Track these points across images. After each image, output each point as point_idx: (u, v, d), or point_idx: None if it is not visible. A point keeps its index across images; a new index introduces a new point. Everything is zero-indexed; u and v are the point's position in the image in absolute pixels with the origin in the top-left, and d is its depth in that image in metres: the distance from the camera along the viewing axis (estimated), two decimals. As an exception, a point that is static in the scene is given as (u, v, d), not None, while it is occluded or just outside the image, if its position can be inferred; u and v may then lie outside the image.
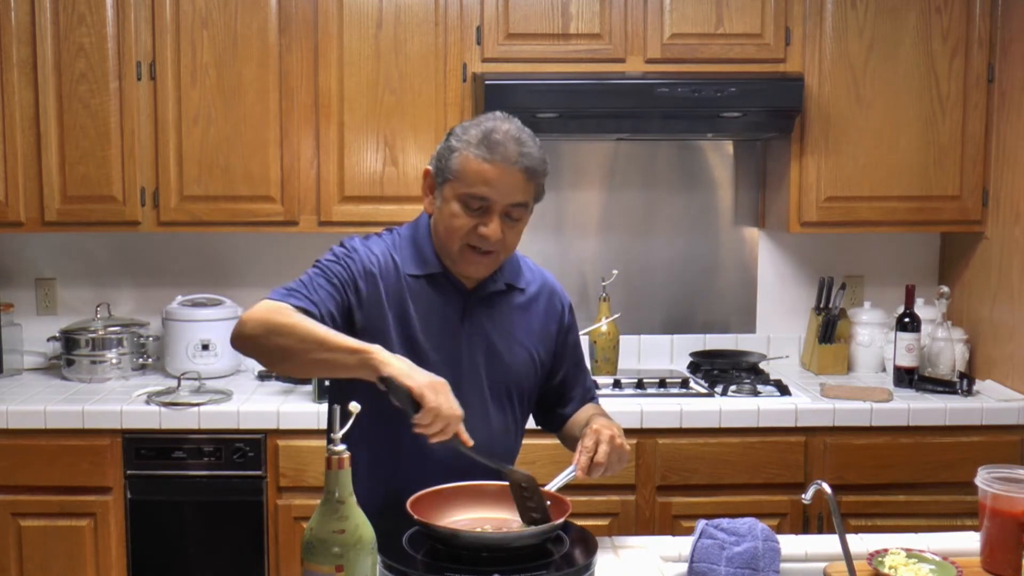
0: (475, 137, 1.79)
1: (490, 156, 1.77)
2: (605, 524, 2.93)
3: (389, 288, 1.85)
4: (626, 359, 3.47)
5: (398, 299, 1.85)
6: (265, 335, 1.72)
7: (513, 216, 1.81)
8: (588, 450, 1.79)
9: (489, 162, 1.77)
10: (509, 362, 1.93)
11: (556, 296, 2.03)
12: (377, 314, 1.83)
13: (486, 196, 1.78)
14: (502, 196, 1.78)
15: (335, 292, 1.81)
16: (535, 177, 1.81)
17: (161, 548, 2.96)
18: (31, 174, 3.15)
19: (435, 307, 1.88)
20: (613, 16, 3.18)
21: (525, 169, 1.78)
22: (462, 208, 1.79)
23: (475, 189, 1.78)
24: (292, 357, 1.72)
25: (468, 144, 1.79)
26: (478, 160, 1.77)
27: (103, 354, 3.28)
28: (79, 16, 3.10)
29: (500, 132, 1.79)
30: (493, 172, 1.77)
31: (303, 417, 2.93)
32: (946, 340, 3.22)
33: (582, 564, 1.60)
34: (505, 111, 1.88)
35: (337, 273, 1.83)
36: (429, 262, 1.88)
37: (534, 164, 1.80)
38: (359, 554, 1.41)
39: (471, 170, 1.78)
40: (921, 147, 3.25)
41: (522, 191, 1.80)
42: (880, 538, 1.92)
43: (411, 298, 1.86)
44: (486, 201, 1.78)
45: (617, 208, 3.60)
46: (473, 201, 1.78)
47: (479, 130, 1.80)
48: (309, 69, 3.16)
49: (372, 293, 1.84)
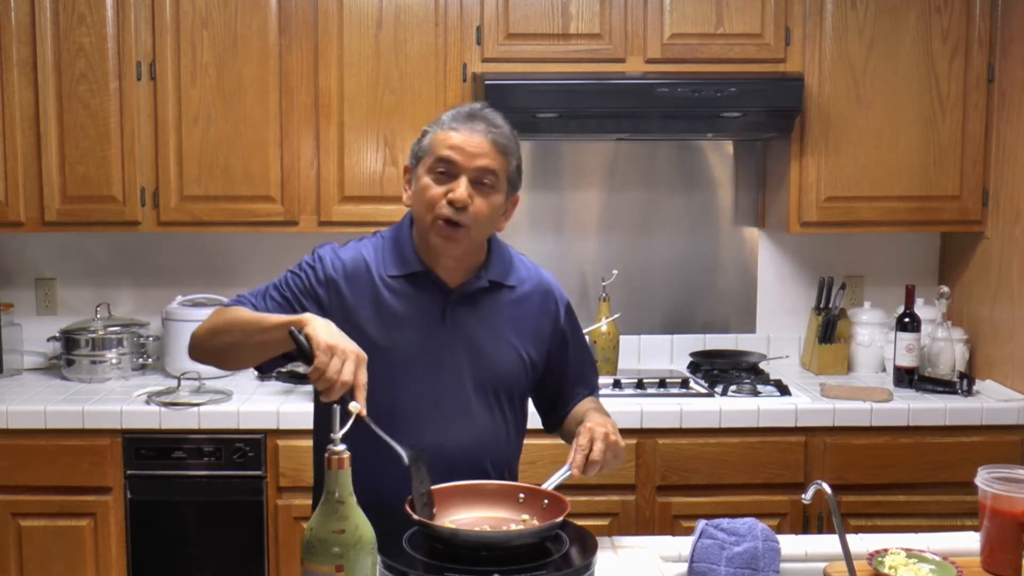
0: (446, 117, 1.85)
1: (457, 125, 1.82)
2: (605, 524, 2.93)
3: (357, 291, 1.87)
4: (626, 359, 3.47)
5: (370, 300, 1.87)
6: (211, 336, 1.82)
7: (484, 183, 1.82)
8: (583, 448, 1.79)
9: (455, 130, 1.82)
10: (495, 361, 1.91)
11: (551, 295, 2.01)
12: (343, 316, 1.84)
13: (451, 158, 1.80)
14: (467, 159, 1.80)
15: (284, 304, 1.87)
16: (504, 151, 1.83)
17: (161, 548, 2.96)
18: (31, 174, 3.15)
19: (416, 306, 1.88)
20: (613, 16, 3.18)
21: (493, 140, 1.82)
22: (432, 179, 1.82)
23: (441, 153, 1.81)
24: (238, 349, 1.80)
25: (440, 124, 1.85)
26: (446, 131, 1.82)
27: (103, 354, 3.28)
28: (79, 16, 3.10)
29: (468, 109, 1.85)
30: (458, 137, 1.81)
31: (303, 417, 2.92)
32: (946, 340, 3.22)
33: (582, 564, 1.60)
34: (505, 111, 1.89)
35: (294, 285, 1.89)
36: (409, 262, 1.89)
37: (501, 139, 1.83)
38: (359, 554, 1.41)
39: (438, 140, 1.83)
40: (921, 147, 3.25)
41: (489, 157, 1.81)
42: (880, 538, 1.92)
43: (389, 298, 1.87)
44: (452, 164, 1.80)
45: (617, 208, 3.60)
46: (439, 165, 1.81)
47: (450, 113, 1.86)
48: (309, 69, 3.16)
49: (333, 298, 1.87)
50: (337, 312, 1.85)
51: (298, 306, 1.86)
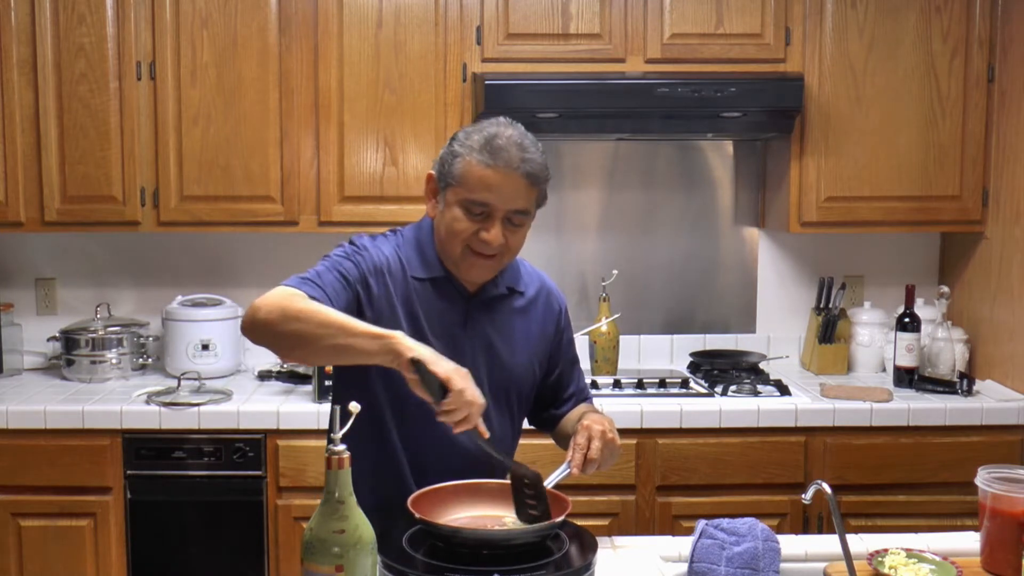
0: (478, 143, 1.79)
1: (492, 161, 1.77)
2: (605, 524, 2.93)
3: (398, 288, 1.86)
4: (626, 359, 3.47)
5: (406, 299, 1.86)
6: (282, 320, 1.68)
7: (515, 222, 1.81)
8: (581, 447, 1.80)
9: (491, 168, 1.77)
10: (510, 365, 1.94)
11: (553, 297, 2.04)
12: (388, 312, 1.83)
13: (487, 202, 1.78)
14: (503, 202, 1.79)
15: (346, 286, 1.81)
16: (537, 183, 1.81)
17: (161, 548, 2.96)
18: (31, 174, 3.15)
19: (438, 310, 1.88)
20: (613, 16, 3.18)
21: (527, 175, 1.79)
22: (464, 213, 1.80)
23: (477, 195, 1.78)
24: (309, 343, 1.68)
25: (471, 150, 1.79)
26: (480, 166, 1.78)
27: (103, 354, 3.28)
28: (79, 16, 3.10)
29: (503, 137, 1.79)
30: (495, 178, 1.77)
31: (303, 417, 2.93)
32: (946, 340, 3.22)
33: (582, 564, 1.60)
34: (505, 111, 1.89)
35: (348, 269, 1.83)
36: (432, 265, 1.88)
37: (536, 170, 1.80)
38: (359, 554, 1.41)
39: (473, 176, 1.78)
40: (921, 147, 3.25)
41: (524, 197, 1.80)
42: (880, 538, 1.92)
43: (418, 298, 1.87)
44: (487, 207, 1.79)
45: (617, 208, 3.60)
46: (475, 207, 1.79)
47: (481, 136, 1.80)
48: (309, 69, 3.16)
49: (382, 290, 1.84)
50: (382, 304, 1.83)
51: (355, 291, 1.81)
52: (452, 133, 1.99)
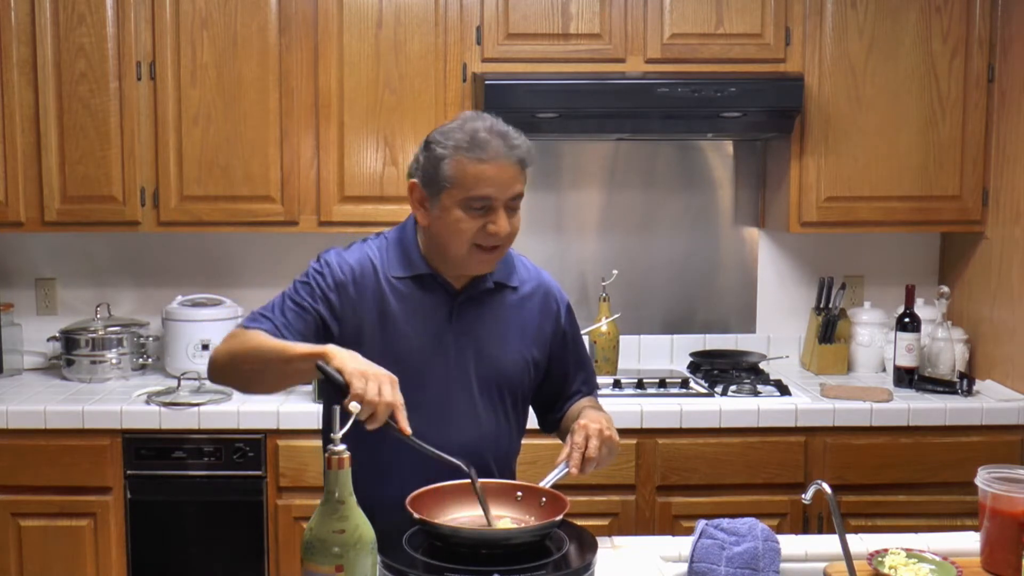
0: (462, 141, 1.79)
1: (483, 155, 1.78)
2: (605, 524, 2.93)
3: (365, 292, 1.88)
4: (626, 359, 3.47)
5: (377, 301, 1.88)
6: (231, 364, 1.82)
7: (513, 206, 1.83)
8: (579, 446, 1.79)
9: (484, 162, 1.78)
10: (500, 362, 1.93)
11: (552, 296, 2.02)
12: (352, 319, 1.87)
13: (488, 195, 1.79)
14: (503, 192, 1.80)
15: (303, 312, 1.87)
16: (527, 165, 1.84)
17: (161, 548, 2.96)
18: (31, 174, 3.15)
19: (421, 308, 1.89)
20: (613, 16, 3.18)
21: (519, 160, 1.81)
22: (465, 213, 1.80)
23: (476, 191, 1.78)
24: (259, 379, 1.83)
25: (456, 149, 1.79)
26: (473, 162, 1.78)
27: (103, 354, 3.28)
28: (79, 16, 3.10)
29: (483, 130, 1.80)
30: (490, 170, 1.78)
31: (303, 417, 2.93)
32: (946, 340, 3.22)
33: (581, 564, 1.60)
34: (505, 111, 1.90)
35: (304, 295, 1.88)
36: (415, 264, 1.90)
37: (524, 153, 1.82)
38: (359, 554, 1.41)
39: (468, 174, 1.78)
40: (921, 147, 3.25)
41: (519, 181, 1.82)
42: (880, 538, 1.92)
43: (395, 299, 1.88)
44: (488, 200, 1.79)
45: (617, 208, 3.60)
46: (476, 203, 1.79)
47: (462, 133, 1.80)
48: (309, 69, 3.16)
49: (347, 302, 1.88)
50: (346, 314, 1.87)
51: (315, 313, 1.86)
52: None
